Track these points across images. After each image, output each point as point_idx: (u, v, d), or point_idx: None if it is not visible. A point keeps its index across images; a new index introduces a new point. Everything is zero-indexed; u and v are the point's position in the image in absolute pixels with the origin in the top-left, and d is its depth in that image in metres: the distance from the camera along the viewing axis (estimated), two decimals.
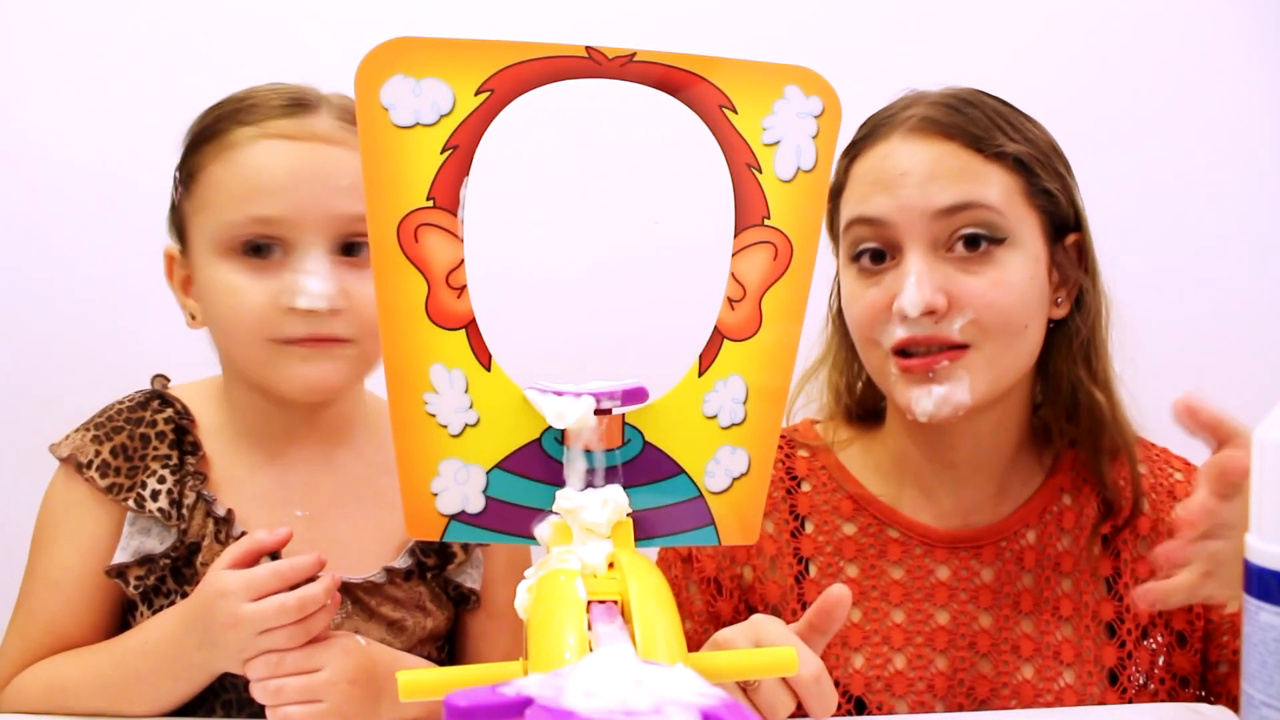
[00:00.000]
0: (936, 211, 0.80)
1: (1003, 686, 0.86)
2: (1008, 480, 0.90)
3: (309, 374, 0.81)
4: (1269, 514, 0.51)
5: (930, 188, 0.80)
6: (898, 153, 0.82)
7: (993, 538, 0.88)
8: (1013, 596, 0.88)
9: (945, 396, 0.80)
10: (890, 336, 0.82)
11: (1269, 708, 0.49)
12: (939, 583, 0.88)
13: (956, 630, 0.87)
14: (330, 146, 0.81)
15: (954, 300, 0.80)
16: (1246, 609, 0.51)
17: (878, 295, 0.82)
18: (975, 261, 0.81)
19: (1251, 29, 1.46)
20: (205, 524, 0.84)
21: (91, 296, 1.37)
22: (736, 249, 0.55)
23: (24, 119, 1.37)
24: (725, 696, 0.35)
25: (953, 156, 0.81)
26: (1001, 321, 0.81)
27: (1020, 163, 0.82)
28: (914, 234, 0.81)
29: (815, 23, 1.41)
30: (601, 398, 0.54)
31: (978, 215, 0.80)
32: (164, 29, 1.36)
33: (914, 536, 0.89)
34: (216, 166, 0.82)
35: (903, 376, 0.82)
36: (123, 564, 0.83)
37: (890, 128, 0.84)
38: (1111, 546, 0.89)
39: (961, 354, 0.80)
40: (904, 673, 0.86)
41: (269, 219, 0.80)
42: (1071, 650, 0.87)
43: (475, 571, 0.91)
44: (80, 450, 0.85)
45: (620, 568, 0.48)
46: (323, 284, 0.79)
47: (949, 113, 0.83)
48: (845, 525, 0.90)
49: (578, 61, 0.51)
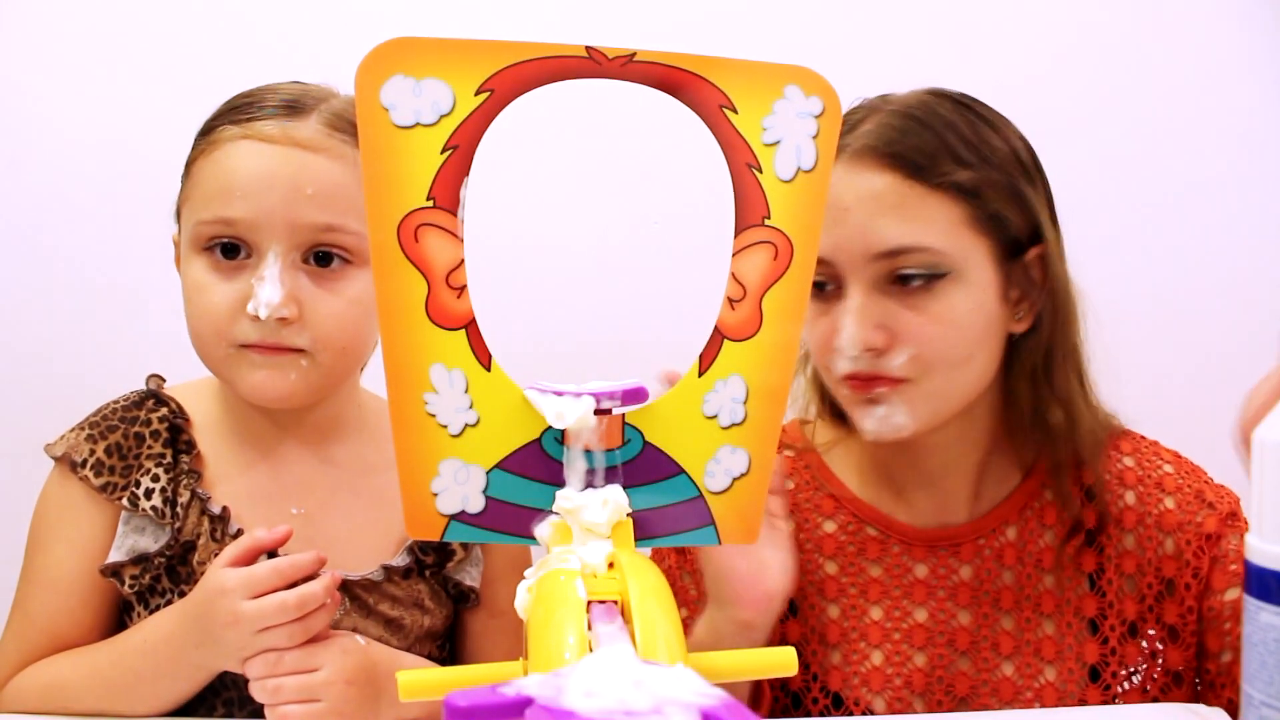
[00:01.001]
0: (875, 255, 0.80)
1: (982, 684, 0.87)
2: (982, 482, 0.90)
3: (260, 381, 0.80)
4: (1269, 514, 0.51)
5: (869, 229, 0.80)
6: (839, 184, 0.80)
7: (971, 535, 0.89)
8: (992, 594, 0.88)
9: (885, 418, 0.82)
10: (837, 368, 0.82)
11: (1269, 708, 0.49)
12: (917, 581, 0.88)
13: (935, 628, 0.87)
14: (306, 153, 0.80)
15: (895, 336, 0.80)
16: (1246, 609, 0.51)
17: (825, 327, 0.83)
18: (916, 295, 0.80)
19: (1250, 29, 1.46)
20: (200, 522, 0.84)
21: (88, 296, 1.37)
22: (737, 249, 0.55)
23: (24, 119, 1.37)
24: (725, 696, 0.35)
25: (893, 191, 0.80)
26: (942, 356, 0.81)
27: (967, 191, 0.81)
28: (854, 272, 0.81)
29: (815, 23, 1.41)
30: (601, 398, 0.54)
31: (918, 258, 0.80)
32: (164, 29, 1.36)
33: (892, 535, 0.89)
34: (202, 161, 0.82)
35: (851, 396, 0.83)
36: (117, 563, 0.83)
37: (840, 151, 0.82)
38: (1095, 542, 0.89)
39: (901, 385, 0.81)
40: (881, 669, 0.87)
41: (233, 220, 0.79)
42: (1053, 647, 0.87)
43: (475, 569, 0.91)
44: (75, 449, 0.84)
45: (620, 568, 0.48)
46: (273, 291, 0.78)
47: (896, 137, 0.81)
48: (825, 523, 0.91)
49: (578, 61, 0.51)
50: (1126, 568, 0.88)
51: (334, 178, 0.80)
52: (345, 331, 0.81)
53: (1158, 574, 0.88)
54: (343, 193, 0.80)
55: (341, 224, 0.80)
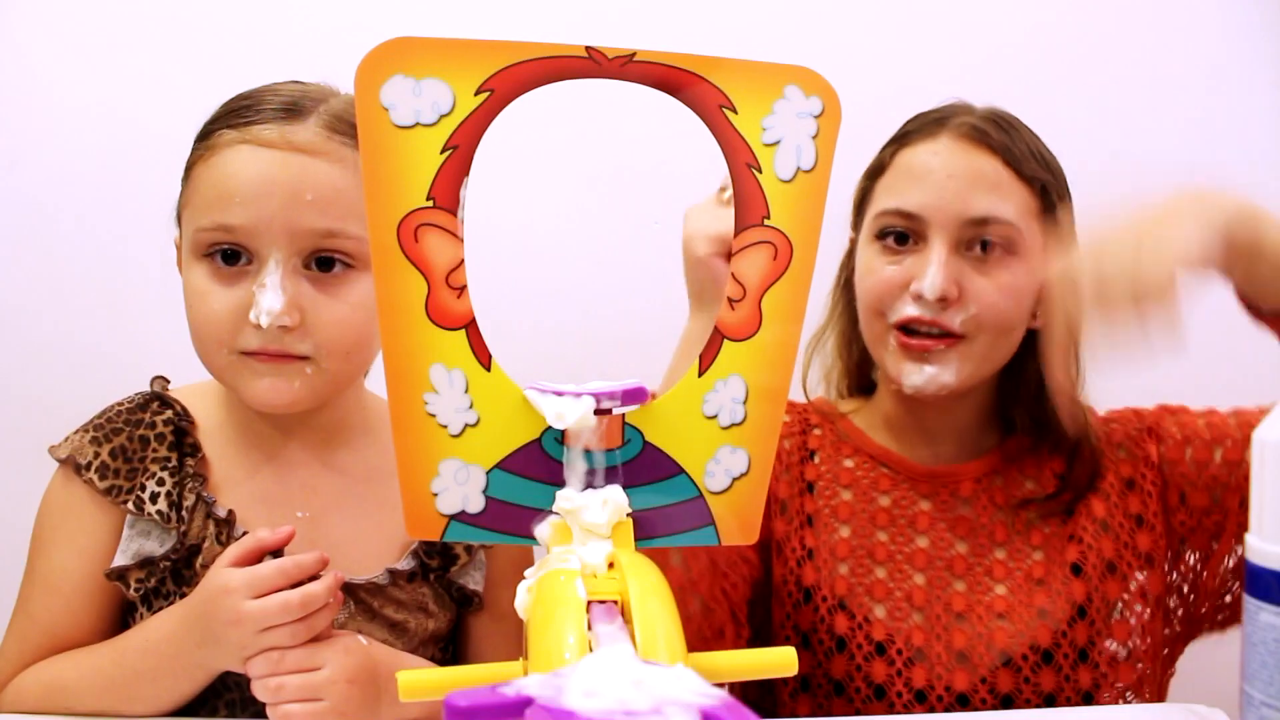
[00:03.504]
0: (967, 219, 0.90)
1: (977, 602, 0.94)
2: (976, 440, 1.01)
3: (264, 388, 0.80)
4: (1269, 514, 0.51)
5: (967, 195, 0.90)
6: (946, 152, 0.91)
7: (969, 475, 0.99)
8: (988, 528, 0.97)
9: (934, 376, 0.91)
10: (898, 312, 0.91)
11: (1269, 708, 0.49)
12: (921, 512, 0.98)
13: (934, 553, 0.96)
14: (305, 157, 0.79)
15: (963, 294, 0.90)
16: (1246, 609, 0.51)
17: (896, 273, 0.92)
18: (988, 264, 0.91)
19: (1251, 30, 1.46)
20: (206, 525, 0.83)
21: (92, 298, 1.36)
22: (736, 249, 0.55)
23: (24, 118, 1.37)
24: (725, 696, 0.35)
25: (991, 169, 0.91)
26: (998, 321, 0.91)
27: (1044, 187, 0.93)
28: (943, 231, 0.90)
29: (815, 23, 1.41)
30: (601, 398, 0.54)
31: (1000, 230, 0.90)
32: (163, 28, 1.36)
33: (901, 473, 1.00)
34: (200, 166, 0.81)
35: (900, 351, 0.92)
36: (123, 567, 0.83)
37: (941, 127, 0.93)
38: (1068, 497, 0.98)
39: (957, 343, 0.91)
40: (884, 581, 0.95)
41: (233, 227, 0.79)
42: (1041, 570, 0.95)
43: (478, 573, 0.91)
44: (79, 452, 0.84)
45: (620, 568, 0.48)
46: (275, 299, 0.77)
47: (995, 129, 0.92)
48: (845, 460, 1.02)
49: (578, 61, 0.51)
50: (1097, 512, 0.97)
51: (334, 182, 0.79)
52: (348, 336, 0.81)
53: (1117, 474, 0.98)
54: (343, 197, 0.79)
55: (342, 229, 0.79)
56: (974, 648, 0.92)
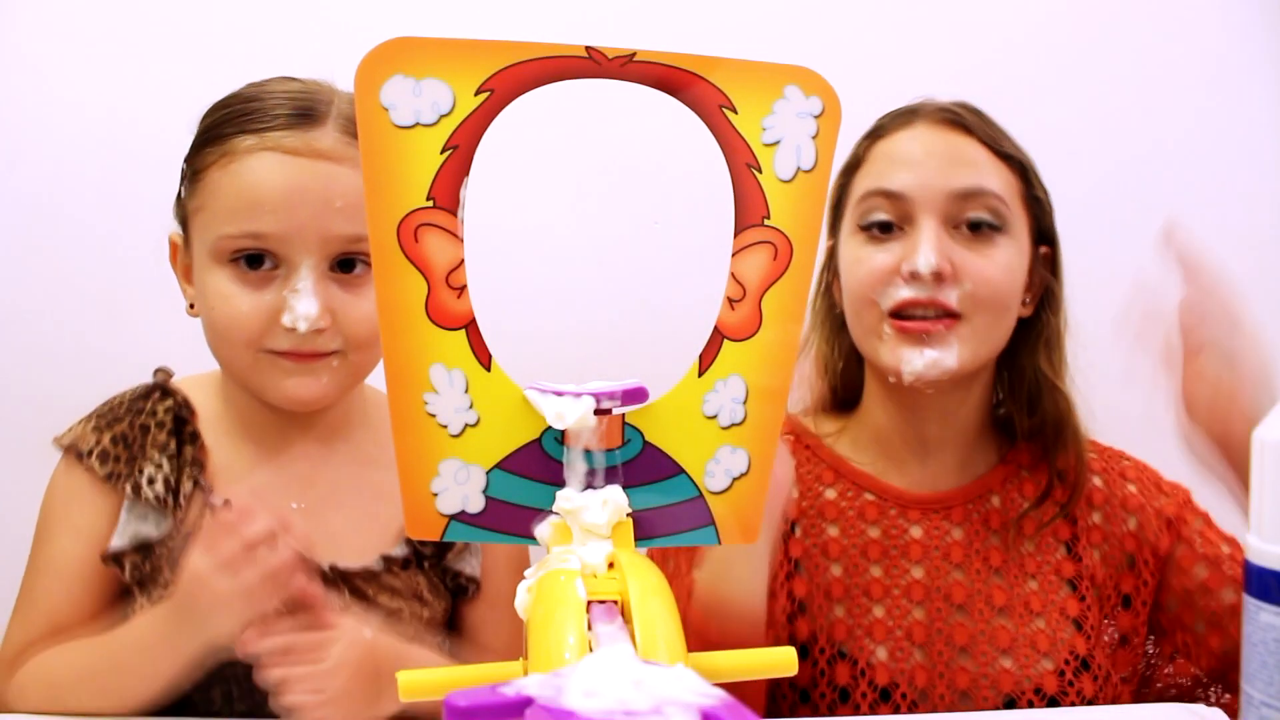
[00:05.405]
0: (953, 193, 0.89)
1: (979, 634, 0.92)
2: (971, 456, 0.98)
3: (294, 387, 0.82)
4: (1269, 514, 0.51)
5: (950, 171, 0.90)
6: (924, 136, 0.92)
7: (960, 500, 0.96)
8: (983, 553, 0.95)
9: (935, 360, 0.89)
10: (890, 298, 0.89)
11: (1269, 708, 0.49)
12: (913, 540, 0.95)
13: (932, 584, 0.93)
14: (330, 164, 0.81)
15: (956, 270, 0.88)
16: (1246, 609, 0.51)
17: (885, 259, 0.90)
18: (978, 241, 0.90)
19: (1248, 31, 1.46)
20: (203, 513, 0.84)
21: (94, 292, 1.36)
22: (736, 249, 0.55)
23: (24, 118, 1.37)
24: (725, 696, 0.35)
25: (970, 148, 0.91)
26: (993, 297, 0.90)
27: (1021, 166, 0.93)
28: (930, 209, 0.89)
29: (815, 23, 1.41)
30: (601, 398, 0.54)
31: (987, 202, 0.90)
32: (163, 27, 1.36)
33: (888, 500, 0.96)
34: (216, 171, 0.82)
35: (897, 337, 0.89)
36: (119, 550, 0.84)
37: (915, 116, 0.94)
38: (1069, 515, 0.96)
39: (954, 323, 0.89)
40: (883, 621, 0.92)
41: (263, 234, 0.80)
42: (1039, 600, 0.93)
43: (474, 559, 0.91)
44: (81, 439, 0.86)
45: (620, 568, 0.48)
46: (310, 304, 0.79)
47: (968, 113, 0.93)
48: (826, 491, 0.97)
49: (578, 61, 0.51)
50: (1095, 538, 0.96)
51: (358, 187, 0.80)
52: (374, 330, 0.82)
53: (1120, 548, 0.96)
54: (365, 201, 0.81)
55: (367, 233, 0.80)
56: (977, 688, 0.90)
